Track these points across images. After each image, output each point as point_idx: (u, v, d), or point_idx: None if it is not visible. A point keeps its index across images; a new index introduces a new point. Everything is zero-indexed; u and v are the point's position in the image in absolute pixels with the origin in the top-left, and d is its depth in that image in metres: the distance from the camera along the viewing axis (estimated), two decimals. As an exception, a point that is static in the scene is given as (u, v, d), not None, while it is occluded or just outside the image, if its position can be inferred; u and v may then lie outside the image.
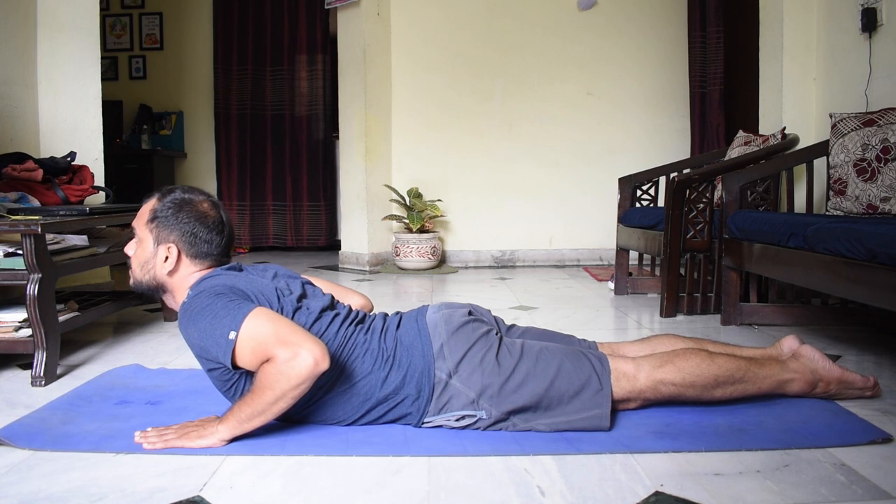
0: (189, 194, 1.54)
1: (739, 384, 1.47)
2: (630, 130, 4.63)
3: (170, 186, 1.57)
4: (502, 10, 4.59)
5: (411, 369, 1.41)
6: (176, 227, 1.49)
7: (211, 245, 1.52)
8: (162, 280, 1.51)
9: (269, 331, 1.29)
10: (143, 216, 1.53)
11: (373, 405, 1.42)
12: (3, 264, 1.83)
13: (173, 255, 1.49)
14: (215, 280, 1.44)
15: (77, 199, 2.48)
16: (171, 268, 1.49)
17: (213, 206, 1.56)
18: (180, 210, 1.51)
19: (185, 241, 1.50)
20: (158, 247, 1.50)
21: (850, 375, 1.58)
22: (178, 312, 1.49)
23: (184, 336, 1.41)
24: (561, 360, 1.42)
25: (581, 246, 4.66)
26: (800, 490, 1.14)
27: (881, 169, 2.28)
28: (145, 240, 1.51)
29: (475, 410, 1.39)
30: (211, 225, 1.52)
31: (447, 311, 1.51)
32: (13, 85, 2.89)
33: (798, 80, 3.19)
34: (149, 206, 1.53)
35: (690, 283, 2.72)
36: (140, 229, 1.53)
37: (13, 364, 1.99)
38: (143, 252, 1.52)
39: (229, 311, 1.32)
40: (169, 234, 1.49)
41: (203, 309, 1.35)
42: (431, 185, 4.59)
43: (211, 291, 1.38)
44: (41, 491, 1.15)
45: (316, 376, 1.28)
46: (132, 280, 1.55)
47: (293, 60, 5.42)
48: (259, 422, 1.32)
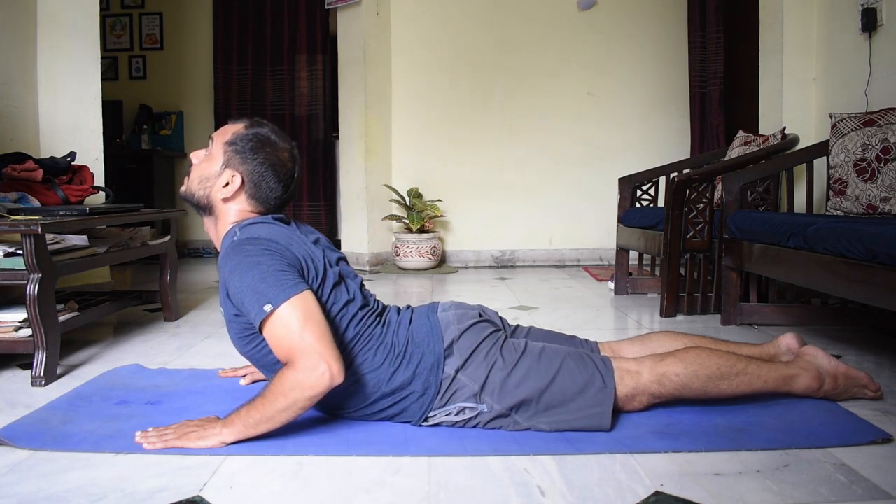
0: (275, 136, 1.51)
1: (744, 376, 1.45)
2: (630, 130, 4.63)
3: (261, 120, 1.54)
4: (502, 9, 4.59)
5: (420, 366, 1.41)
6: (249, 161, 1.47)
7: (272, 194, 1.50)
8: (214, 202, 1.49)
9: (300, 326, 1.28)
10: (223, 134, 1.51)
11: (378, 398, 1.42)
12: (3, 264, 1.83)
13: (235, 184, 1.47)
14: (269, 229, 1.42)
15: (77, 199, 2.48)
16: (227, 195, 1.47)
17: (291, 159, 1.53)
18: (260, 148, 1.48)
19: (252, 179, 1.48)
20: (225, 170, 1.47)
21: (856, 371, 1.58)
22: (219, 244, 1.49)
23: (221, 273, 1.39)
24: (564, 357, 1.43)
25: (581, 246, 4.66)
26: (800, 490, 1.14)
27: (881, 169, 2.28)
28: (216, 157, 1.49)
29: (476, 403, 1.40)
30: (281, 175, 1.50)
31: (459, 311, 1.51)
32: (13, 85, 2.89)
33: (798, 80, 3.19)
34: (233, 129, 1.51)
35: (690, 283, 2.72)
36: (215, 145, 1.50)
37: (13, 364, 1.99)
38: (208, 167, 1.49)
39: (277, 283, 1.30)
40: (239, 165, 1.47)
41: (252, 264, 1.32)
42: (431, 185, 4.58)
43: (265, 245, 1.36)
44: (41, 491, 1.15)
45: (328, 390, 1.28)
46: (184, 188, 1.53)
47: (293, 60, 5.41)
48: (265, 428, 1.32)
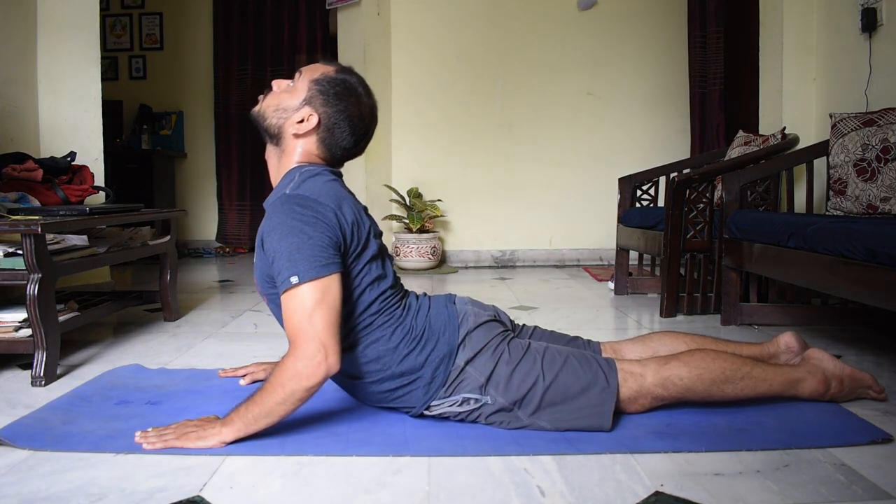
0: (361, 89, 1.49)
1: (749, 380, 1.45)
2: (630, 130, 4.63)
3: (352, 69, 1.51)
4: (503, 10, 4.59)
5: (434, 354, 1.42)
6: (330, 105, 1.45)
7: (342, 144, 1.49)
8: (284, 135, 1.48)
9: (313, 308, 1.28)
10: (313, 71, 1.48)
11: (386, 377, 1.43)
12: (3, 264, 1.83)
13: (310, 124, 1.45)
14: (325, 187, 1.41)
15: (77, 199, 2.48)
16: (300, 132, 1.46)
17: (371, 116, 1.51)
18: (345, 96, 1.46)
19: (327, 123, 1.46)
20: (304, 107, 1.45)
21: (861, 373, 1.58)
22: (276, 178, 1.48)
23: (268, 218, 1.37)
24: (567, 356, 1.45)
25: (581, 246, 4.66)
26: (800, 490, 1.14)
27: (881, 169, 2.28)
28: (299, 91, 1.47)
29: (481, 395, 1.41)
30: (357, 129, 1.49)
31: (477, 308, 1.53)
32: (13, 85, 2.89)
33: (798, 80, 3.19)
34: (323, 69, 1.49)
35: (690, 283, 2.72)
36: (302, 80, 1.48)
37: (13, 364, 1.99)
38: (288, 99, 1.47)
39: (311, 257, 1.29)
40: (320, 106, 1.45)
41: (295, 230, 1.31)
42: (431, 185, 4.58)
43: (314, 210, 1.34)
44: (41, 491, 1.15)
45: (325, 380, 1.29)
46: (257, 108, 1.50)
47: (293, 60, 5.41)
48: (264, 423, 1.32)
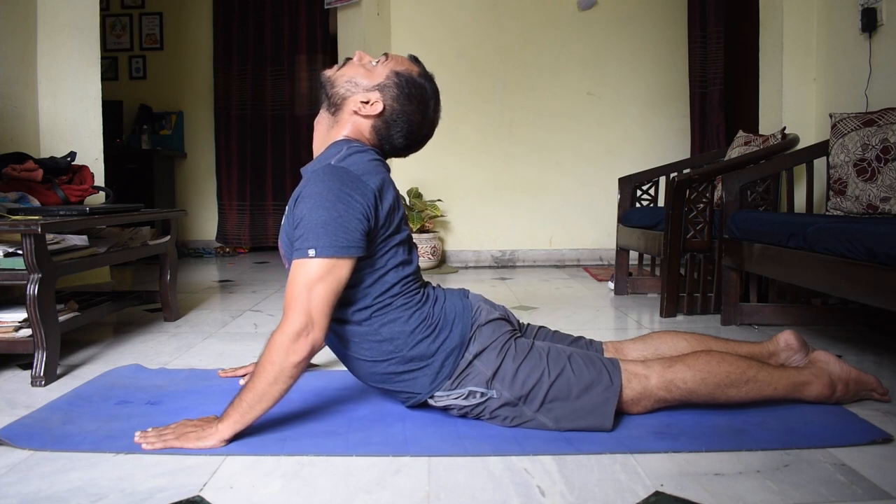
0: (433, 102, 1.52)
1: (754, 384, 1.45)
2: (630, 130, 4.63)
3: (433, 77, 1.53)
4: (502, 10, 4.59)
5: (445, 344, 1.43)
6: (399, 102, 1.47)
7: (393, 142, 1.51)
8: (345, 107, 1.49)
9: (315, 281, 1.30)
10: (398, 62, 1.50)
11: (396, 359, 1.44)
12: (3, 264, 1.83)
13: (374, 110, 1.47)
14: (371, 165, 1.42)
15: (77, 199, 2.48)
16: (360, 111, 1.47)
17: (430, 130, 1.54)
18: (415, 102, 1.49)
19: (388, 117, 1.48)
20: (376, 91, 1.47)
21: (866, 375, 1.57)
22: (321, 146, 1.51)
23: (306, 184, 1.38)
24: (571, 354, 1.46)
25: (581, 246, 4.66)
26: (800, 490, 1.14)
27: (881, 169, 2.28)
28: (377, 75, 1.48)
29: (487, 389, 1.42)
30: (412, 135, 1.51)
31: (488, 305, 1.54)
32: (13, 85, 2.89)
33: (798, 80, 3.19)
34: (409, 66, 1.51)
35: (690, 283, 2.72)
36: (385, 66, 1.49)
37: (13, 364, 1.99)
38: (365, 76, 1.48)
39: (334, 235, 1.31)
40: (389, 98, 1.47)
41: (328, 205, 1.32)
42: (431, 184, 4.58)
43: (353, 188, 1.35)
44: (41, 491, 1.15)
45: (311, 356, 1.32)
46: (331, 72, 1.52)
47: (293, 60, 5.41)
48: (260, 409, 1.32)
